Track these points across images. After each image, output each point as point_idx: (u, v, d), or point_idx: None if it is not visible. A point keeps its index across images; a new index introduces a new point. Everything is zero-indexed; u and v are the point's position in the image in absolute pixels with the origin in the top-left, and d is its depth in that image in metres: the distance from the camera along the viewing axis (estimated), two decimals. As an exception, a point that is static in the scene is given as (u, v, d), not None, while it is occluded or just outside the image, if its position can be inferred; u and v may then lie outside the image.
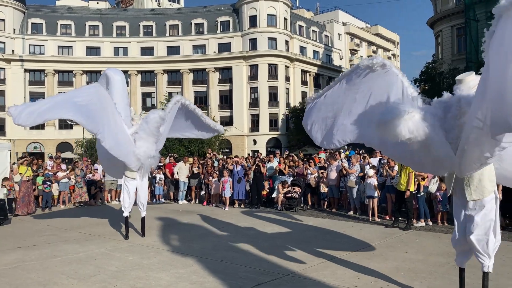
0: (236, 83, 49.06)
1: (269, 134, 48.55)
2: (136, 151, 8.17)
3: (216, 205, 13.77)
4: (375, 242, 8.06)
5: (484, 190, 4.46)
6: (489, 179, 4.47)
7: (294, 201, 12.59)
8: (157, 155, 8.73)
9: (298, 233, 9.14)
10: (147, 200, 9.05)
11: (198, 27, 51.85)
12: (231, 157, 16.41)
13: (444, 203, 9.96)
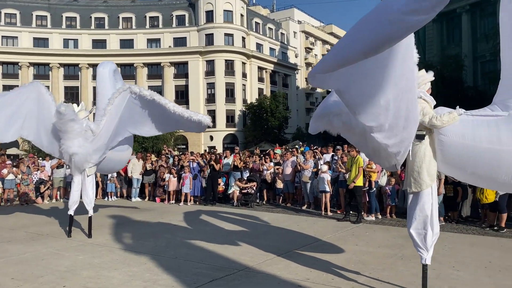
0: (192, 78, 48.50)
1: (226, 130, 48.43)
2: (63, 147, 8.00)
3: (171, 202, 13.60)
4: (327, 236, 8.28)
5: (422, 183, 4.63)
6: (428, 172, 4.62)
7: (250, 196, 12.68)
8: (89, 153, 8.05)
9: (253, 229, 9.22)
10: (93, 198, 8.53)
11: (152, 20, 50.71)
12: (186, 153, 16.22)
13: (392, 197, 10.39)
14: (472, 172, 4.55)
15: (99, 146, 8.14)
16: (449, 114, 4.41)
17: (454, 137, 4.38)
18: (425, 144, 4.59)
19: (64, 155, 8.21)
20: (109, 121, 8.00)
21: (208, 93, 48.88)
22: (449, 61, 27.38)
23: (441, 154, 4.57)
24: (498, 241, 7.70)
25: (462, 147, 4.36)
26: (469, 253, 6.78)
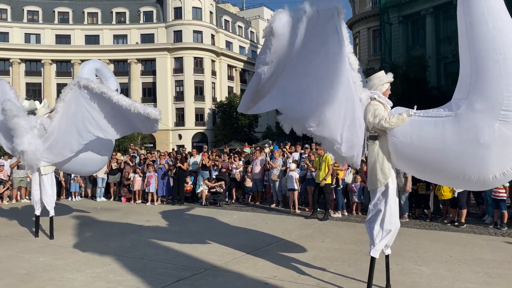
0: (160, 75, 47.77)
1: (195, 128, 48.00)
2: (13, 144, 7.73)
3: (137, 202, 13.34)
4: (295, 233, 8.34)
5: (376, 181, 4.77)
6: (381, 171, 4.73)
7: (219, 195, 12.61)
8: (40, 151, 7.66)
9: (221, 227, 9.17)
10: (53, 198, 8.20)
11: (119, 16, 49.59)
12: (153, 152, 15.97)
13: (358, 194, 10.58)
14: (423, 170, 4.71)
15: (51, 144, 7.68)
16: (398, 115, 4.47)
17: (402, 138, 4.46)
18: (378, 145, 4.71)
19: (16, 153, 7.98)
20: (61, 119, 7.58)
21: (177, 90, 48.28)
22: (414, 62, 28.10)
23: (394, 154, 4.67)
24: (458, 236, 7.98)
25: (410, 147, 4.44)
26: (431, 248, 6.98)
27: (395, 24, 35.30)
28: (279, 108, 4.69)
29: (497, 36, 3.79)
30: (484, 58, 3.86)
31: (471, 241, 7.53)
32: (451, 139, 4.12)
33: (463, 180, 4.35)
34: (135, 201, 13.39)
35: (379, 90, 4.75)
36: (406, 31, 35.66)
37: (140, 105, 6.89)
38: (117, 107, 6.99)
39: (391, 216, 4.75)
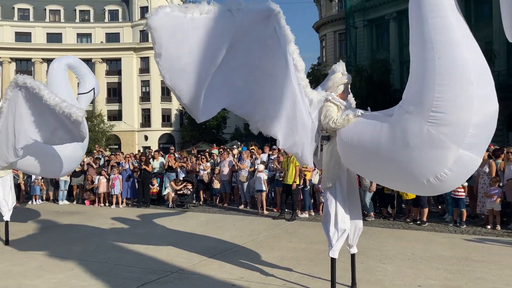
0: (126, 75, 46.86)
1: (161, 129, 47.37)
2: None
3: (101, 205, 13.00)
4: (263, 234, 8.37)
5: (326, 181, 4.89)
6: (330, 171, 4.85)
7: (186, 197, 12.47)
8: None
9: (189, 230, 9.06)
10: (10, 201, 7.79)
11: (83, 14, 48.31)
12: (117, 153, 15.59)
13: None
14: (367, 172, 4.76)
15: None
16: (345, 116, 4.52)
17: (346, 138, 4.49)
18: (331, 145, 4.78)
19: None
20: (4, 120, 6.98)
21: (143, 91, 47.53)
22: (378, 65, 28.84)
23: (341, 155, 4.68)
24: (420, 234, 8.23)
25: (351, 148, 4.46)
26: (394, 247, 7.17)
27: (360, 28, 36.12)
28: (227, 106, 4.72)
29: (436, 34, 3.55)
30: (421, 57, 3.70)
31: (432, 239, 7.78)
32: (384, 142, 4.02)
33: (403, 184, 4.41)
34: (99, 204, 13.04)
35: (335, 92, 4.82)
36: (370, 35, 36.55)
37: (65, 104, 6.11)
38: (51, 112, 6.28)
39: (344, 215, 4.78)
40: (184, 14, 3.95)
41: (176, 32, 3.96)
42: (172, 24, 3.96)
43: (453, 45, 3.53)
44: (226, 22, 4.05)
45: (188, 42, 3.99)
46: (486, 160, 8.93)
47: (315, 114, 4.74)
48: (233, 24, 4.07)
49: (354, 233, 4.99)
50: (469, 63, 3.50)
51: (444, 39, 3.54)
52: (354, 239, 5.03)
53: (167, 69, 4.06)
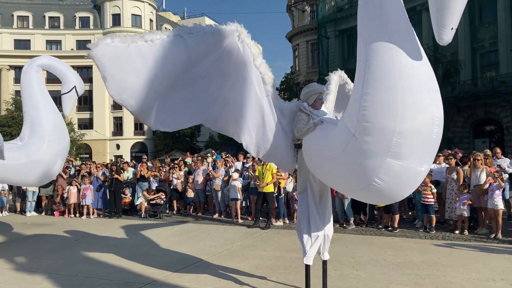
0: (98, 83, 45.87)
1: (134, 138, 46.59)
2: None
3: (71, 216, 12.65)
4: (238, 243, 8.34)
5: (298, 187, 5.13)
6: (301, 179, 5.06)
7: (159, 207, 12.30)
8: None
9: (162, 240, 8.93)
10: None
11: (53, 21, 47.24)
12: (88, 163, 15.24)
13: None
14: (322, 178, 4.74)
15: None
16: (307, 125, 4.60)
17: (304, 146, 4.66)
18: (301, 153, 4.90)
19: None
20: None
21: (115, 99, 46.70)
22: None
23: (305, 162, 4.77)
24: (392, 240, 8.39)
25: (306, 156, 4.64)
26: (367, 253, 7.28)
27: (332, 38, 36.80)
28: (203, 122, 5.00)
29: (371, 41, 3.37)
30: (357, 68, 3.61)
31: (403, 245, 7.95)
32: (327, 149, 4.11)
33: (351, 191, 4.52)
34: (69, 215, 12.70)
35: (309, 101, 4.92)
36: (342, 45, 37.30)
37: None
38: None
39: (316, 221, 4.89)
40: (125, 44, 4.17)
41: (119, 57, 4.19)
42: (113, 52, 4.17)
43: (384, 52, 3.32)
44: (177, 46, 4.24)
45: (133, 64, 4.20)
46: (454, 167, 9.25)
47: (287, 123, 4.87)
48: (185, 48, 4.26)
49: (325, 240, 5.06)
50: (397, 68, 3.28)
51: (376, 46, 3.34)
52: (325, 246, 5.11)
53: (114, 89, 4.29)
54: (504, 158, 10.09)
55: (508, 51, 24.65)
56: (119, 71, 4.21)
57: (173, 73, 4.37)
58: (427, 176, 9.16)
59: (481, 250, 7.35)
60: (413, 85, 3.31)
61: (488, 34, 26.25)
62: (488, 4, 27.05)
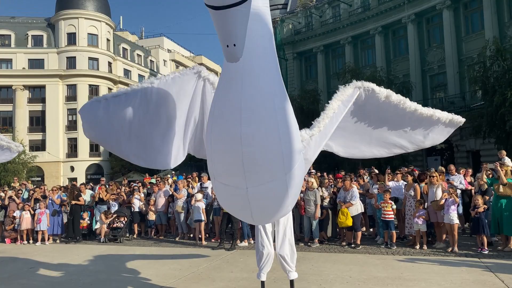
0: (51, 103, 44.28)
1: (89, 160, 45.00)
2: None
3: (25, 242, 11.97)
4: (203, 265, 8.20)
5: None
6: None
7: (119, 231, 11.90)
8: None
9: (123, 265, 8.63)
10: None
11: (3, 39, 45.38)
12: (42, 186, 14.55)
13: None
14: None
15: None
16: None
17: None
18: None
19: None
20: None
21: (69, 119, 45.13)
22: (307, 95, 30.15)
23: None
24: (356, 257, 8.55)
25: None
26: (333, 270, 7.37)
27: (290, 59, 37.72)
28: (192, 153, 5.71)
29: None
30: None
31: (367, 261, 8.12)
32: None
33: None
34: (21, 241, 12.01)
35: None
36: (300, 67, 38.32)
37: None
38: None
39: (262, 240, 5.32)
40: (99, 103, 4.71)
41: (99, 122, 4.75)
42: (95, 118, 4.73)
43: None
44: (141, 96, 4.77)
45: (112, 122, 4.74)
46: (411, 184, 9.63)
47: None
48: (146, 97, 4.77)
49: (268, 259, 5.34)
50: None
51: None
52: (284, 265, 5.35)
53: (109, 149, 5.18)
54: (457, 175, 10.63)
55: (455, 73, 26.24)
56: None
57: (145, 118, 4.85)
58: (386, 193, 9.52)
59: (440, 264, 7.64)
60: (217, 107, 3.57)
61: (437, 57, 27.89)
62: (436, 29, 28.83)
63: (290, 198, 3.92)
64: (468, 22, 26.89)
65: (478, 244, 8.65)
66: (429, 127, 6.23)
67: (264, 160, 3.50)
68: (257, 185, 3.60)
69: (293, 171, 3.73)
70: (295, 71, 37.80)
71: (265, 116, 3.44)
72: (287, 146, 3.61)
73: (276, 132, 3.50)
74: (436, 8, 27.58)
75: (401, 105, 5.60)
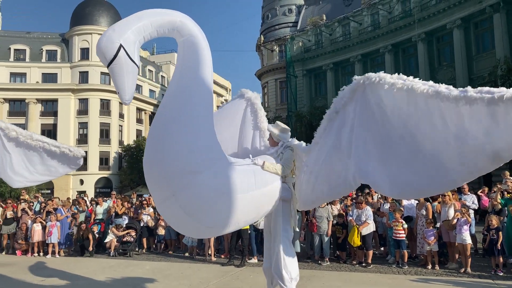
0: (62, 117, 44.93)
1: (98, 173, 45.32)
2: None
3: (35, 255, 12.02)
4: (213, 282, 8.18)
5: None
6: None
7: (129, 245, 11.92)
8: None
9: (133, 280, 8.64)
10: None
11: (18, 53, 46.35)
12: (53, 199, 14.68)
13: None
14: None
15: None
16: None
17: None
18: None
19: None
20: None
21: (80, 133, 45.67)
22: (317, 111, 30.29)
23: None
24: (367, 276, 8.46)
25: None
26: (344, 290, 7.30)
27: (299, 76, 37.99)
28: None
29: None
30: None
31: (378, 281, 8.03)
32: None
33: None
34: (32, 254, 12.07)
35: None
36: (309, 83, 38.54)
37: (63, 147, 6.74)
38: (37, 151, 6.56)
39: (265, 256, 5.53)
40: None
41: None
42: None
43: None
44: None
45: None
46: (423, 203, 9.55)
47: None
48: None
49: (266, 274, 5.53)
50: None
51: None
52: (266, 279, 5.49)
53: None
54: (470, 194, 10.53)
55: (465, 92, 26.15)
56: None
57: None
58: (397, 212, 9.45)
59: (453, 285, 7.54)
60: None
61: (447, 76, 27.88)
62: (446, 47, 28.90)
63: (192, 217, 4.25)
64: (478, 41, 26.96)
65: (492, 265, 8.52)
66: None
67: (153, 181, 4.27)
68: (158, 203, 4.43)
69: (184, 192, 4.09)
70: (304, 88, 38.00)
71: (154, 140, 4.26)
72: (171, 169, 4.07)
73: (160, 155, 4.13)
74: (447, 27, 27.71)
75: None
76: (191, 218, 4.22)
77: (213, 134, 4.37)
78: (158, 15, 4.18)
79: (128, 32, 3.93)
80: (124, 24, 4.00)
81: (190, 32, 4.32)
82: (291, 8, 42.70)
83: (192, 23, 4.38)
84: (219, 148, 4.45)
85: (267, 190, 4.78)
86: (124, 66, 3.92)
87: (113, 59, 3.86)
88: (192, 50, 4.32)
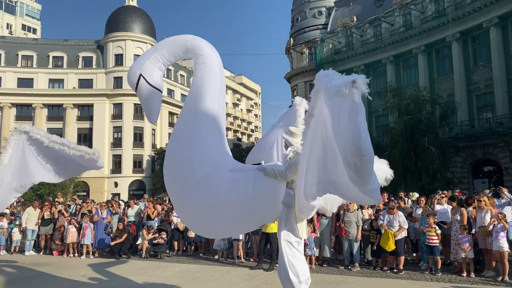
0: (98, 121, 46.35)
1: (132, 176, 46.42)
2: None
3: (70, 255, 12.43)
4: (242, 285, 8.20)
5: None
6: None
7: (160, 247, 12.13)
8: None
9: (164, 281, 8.78)
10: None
11: (56, 60, 48.21)
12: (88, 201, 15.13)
13: (311, 246, 10.37)
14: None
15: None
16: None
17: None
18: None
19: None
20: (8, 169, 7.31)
21: (115, 137, 46.93)
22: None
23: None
24: (398, 283, 8.27)
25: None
26: (374, 296, 7.15)
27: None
28: None
29: None
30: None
31: (410, 287, 7.82)
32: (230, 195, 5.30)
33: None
34: (67, 254, 12.48)
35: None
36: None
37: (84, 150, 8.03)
38: (60, 155, 7.65)
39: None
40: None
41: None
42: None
43: None
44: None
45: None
46: (457, 208, 9.23)
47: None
48: None
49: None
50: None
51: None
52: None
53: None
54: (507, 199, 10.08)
55: (504, 92, 25.17)
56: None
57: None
58: (431, 217, 9.18)
59: (490, 294, 7.25)
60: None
61: (483, 76, 26.88)
62: (482, 47, 27.91)
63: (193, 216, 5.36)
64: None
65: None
66: None
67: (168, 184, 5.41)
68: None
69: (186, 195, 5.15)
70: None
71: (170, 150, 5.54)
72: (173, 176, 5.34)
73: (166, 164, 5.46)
74: (483, 26, 26.77)
75: None
76: (191, 217, 5.22)
77: (211, 147, 5.15)
78: (171, 43, 5.30)
79: (147, 62, 4.99)
80: (144, 56, 5.12)
81: (200, 52, 5.33)
82: (321, 10, 42.42)
83: (202, 42, 5.40)
84: (217, 159, 5.10)
85: (266, 196, 4.88)
86: (145, 91, 5.01)
87: (136, 86, 4.95)
88: (201, 68, 5.46)
